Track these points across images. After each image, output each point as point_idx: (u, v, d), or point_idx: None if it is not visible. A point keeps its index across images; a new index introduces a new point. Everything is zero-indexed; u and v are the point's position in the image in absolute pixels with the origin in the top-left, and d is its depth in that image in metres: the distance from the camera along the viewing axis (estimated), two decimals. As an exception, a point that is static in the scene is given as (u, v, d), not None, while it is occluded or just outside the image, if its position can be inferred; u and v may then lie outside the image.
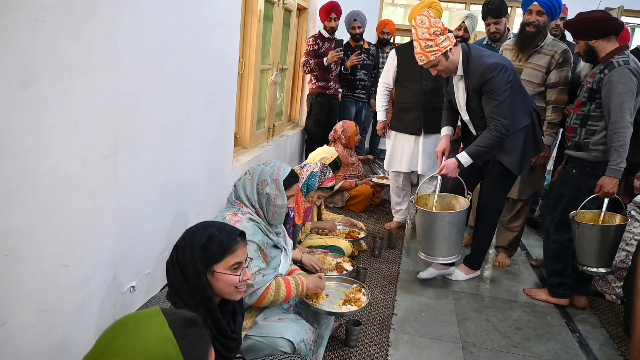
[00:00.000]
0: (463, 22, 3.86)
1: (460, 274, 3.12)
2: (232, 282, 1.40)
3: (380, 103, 3.75)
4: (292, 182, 2.04)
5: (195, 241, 1.39)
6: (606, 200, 2.58)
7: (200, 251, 1.38)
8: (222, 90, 2.69)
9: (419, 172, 3.71)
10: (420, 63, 2.62)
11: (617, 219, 2.61)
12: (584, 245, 2.59)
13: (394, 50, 3.64)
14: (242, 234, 1.47)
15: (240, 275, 1.42)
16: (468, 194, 2.83)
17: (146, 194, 1.97)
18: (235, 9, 2.72)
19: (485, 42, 3.69)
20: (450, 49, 2.58)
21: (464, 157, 2.69)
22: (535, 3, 2.93)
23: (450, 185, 2.97)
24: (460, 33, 3.89)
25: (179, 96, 2.17)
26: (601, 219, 2.61)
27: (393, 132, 3.75)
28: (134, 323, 0.89)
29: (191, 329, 0.91)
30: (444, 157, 2.90)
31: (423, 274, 3.05)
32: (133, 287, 1.99)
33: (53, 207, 1.38)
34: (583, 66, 3.35)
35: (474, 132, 2.88)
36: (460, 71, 2.67)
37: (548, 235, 2.91)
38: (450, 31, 2.59)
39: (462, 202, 2.85)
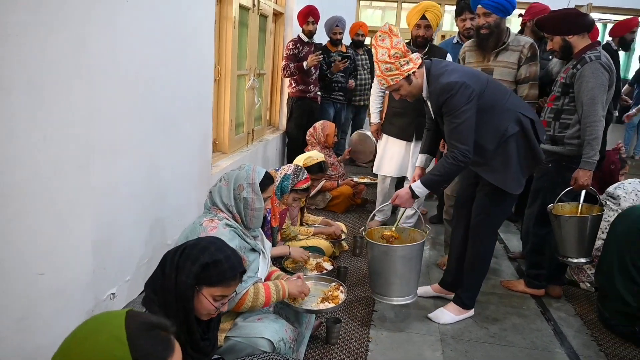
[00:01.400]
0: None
1: (448, 315, 2.64)
2: (207, 308, 1.44)
3: (375, 105, 3.71)
4: (267, 184, 2.08)
5: (202, 256, 1.42)
6: (583, 192, 2.67)
7: (199, 268, 1.41)
8: (198, 96, 2.72)
9: (408, 177, 3.63)
10: (380, 87, 2.39)
11: (594, 210, 2.71)
12: (564, 237, 2.68)
13: None
14: (243, 272, 1.52)
15: (218, 307, 1.45)
16: (426, 226, 2.58)
17: (124, 203, 2.00)
18: (209, 16, 2.76)
19: (455, 41, 3.74)
20: (414, 72, 2.32)
21: (417, 187, 2.39)
22: (480, 6, 2.91)
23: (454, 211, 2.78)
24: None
25: (155, 104, 2.20)
26: (579, 210, 2.71)
27: (385, 136, 3.71)
28: (95, 322, 0.92)
29: (151, 333, 0.92)
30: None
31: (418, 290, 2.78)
32: (113, 294, 2.01)
33: (28, 217, 1.41)
34: (555, 63, 3.43)
35: None
36: (425, 93, 2.41)
37: (527, 229, 2.99)
38: (416, 50, 2.34)
39: (418, 236, 2.57)
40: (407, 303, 2.54)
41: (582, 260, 2.71)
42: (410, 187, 2.42)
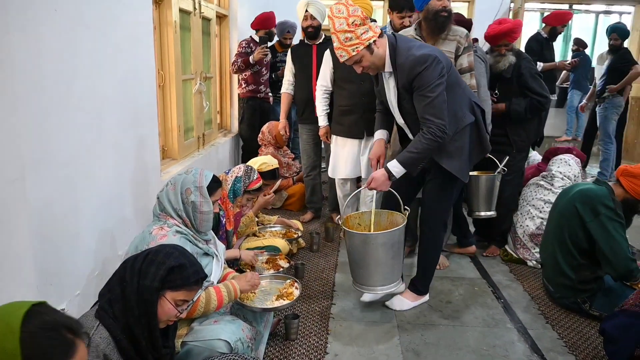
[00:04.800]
0: (307, 10, 3.68)
1: (404, 302, 2.69)
2: (169, 313, 1.45)
3: (320, 107, 3.55)
4: (215, 188, 2.09)
5: (167, 261, 1.44)
6: (504, 160, 3.16)
7: (165, 271, 1.43)
8: (140, 104, 2.68)
9: (362, 177, 3.48)
10: (341, 60, 2.28)
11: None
12: (473, 195, 3.20)
13: (328, 50, 3.46)
14: (205, 278, 1.55)
15: (179, 312, 1.47)
16: (405, 209, 2.44)
17: (67, 215, 1.96)
18: (145, 22, 2.72)
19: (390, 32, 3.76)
20: (375, 41, 2.23)
21: (395, 166, 2.30)
22: None
23: (382, 200, 2.67)
24: (308, 23, 3.70)
25: (93, 114, 2.16)
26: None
27: (334, 137, 3.52)
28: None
29: (51, 332, 0.89)
30: (379, 165, 2.55)
31: (365, 297, 2.75)
32: (63, 309, 1.97)
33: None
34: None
35: (411, 137, 2.52)
36: (388, 67, 2.33)
37: None
38: (373, 20, 2.30)
39: (399, 220, 2.45)
40: (393, 291, 2.49)
41: (489, 213, 3.20)
42: (386, 168, 2.32)
